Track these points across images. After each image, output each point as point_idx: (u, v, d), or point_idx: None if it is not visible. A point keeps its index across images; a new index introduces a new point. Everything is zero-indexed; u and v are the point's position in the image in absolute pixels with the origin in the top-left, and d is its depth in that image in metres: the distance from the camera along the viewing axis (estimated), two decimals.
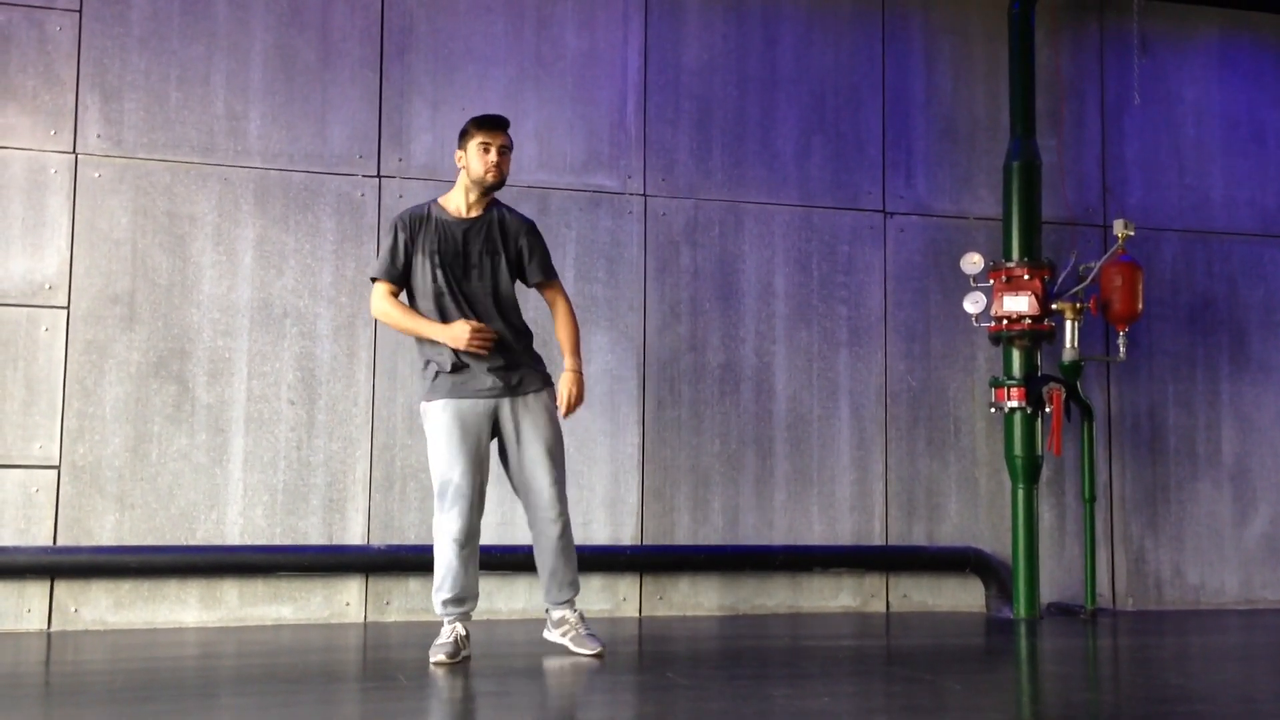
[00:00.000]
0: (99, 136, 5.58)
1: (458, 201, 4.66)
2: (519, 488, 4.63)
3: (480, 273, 4.58)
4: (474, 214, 4.65)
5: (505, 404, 4.55)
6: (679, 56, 6.28)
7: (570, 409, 4.66)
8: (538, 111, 6.07)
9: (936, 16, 6.63)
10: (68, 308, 5.48)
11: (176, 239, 5.62)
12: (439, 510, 4.52)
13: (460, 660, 4.44)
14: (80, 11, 5.60)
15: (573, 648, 4.60)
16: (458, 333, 4.47)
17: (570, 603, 4.66)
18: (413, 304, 4.61)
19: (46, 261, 5.48)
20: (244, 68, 5.76)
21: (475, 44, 6.04)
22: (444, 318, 4.54)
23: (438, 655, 4.41)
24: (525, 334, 4.68)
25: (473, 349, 4.47)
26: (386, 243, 4.64)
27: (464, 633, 4.52)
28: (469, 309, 4.54)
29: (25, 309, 5.43)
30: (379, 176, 5.85)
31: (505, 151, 4.64)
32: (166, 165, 5.64)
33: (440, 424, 4.51)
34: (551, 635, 4.70)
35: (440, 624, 4.58)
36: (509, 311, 4.63)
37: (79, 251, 5.51)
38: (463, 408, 4.51)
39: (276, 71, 5.80)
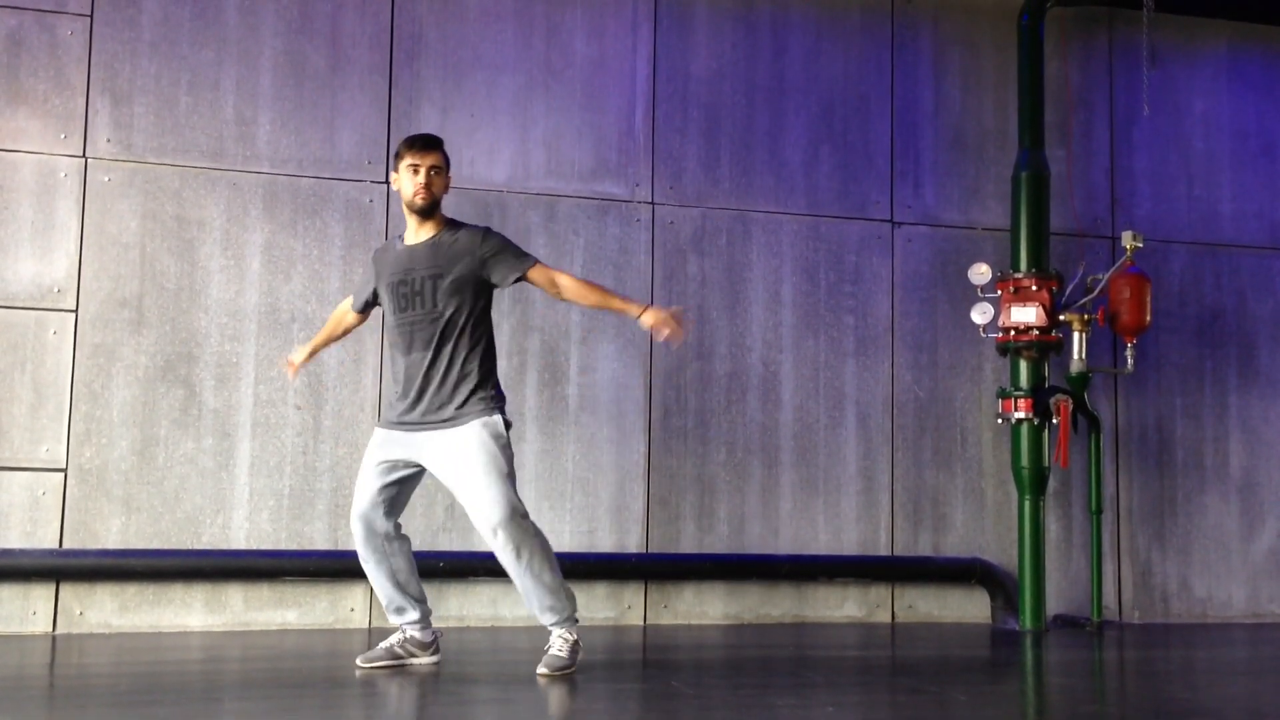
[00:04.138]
0: (109, 141, 5.59)
1: (410, 227, 4.50)
2: None
3: (423, 300, 4.36)
4: (422, 238, 4.44)
5: (426, 438, 4.36)
6: (688, 65, 6.28)
7: (677, 328, 4.39)
8: (546, 119, 6.08)
9: (946, 27, 6.63)
10: (76, 311, 5.49)
11: (185, 243, 5.63)
12: None
13: (388, 665, 4.44)
14: (91, 16, 5.62)
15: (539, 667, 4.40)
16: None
17: (556, 624, 4.44)
18: None
19: (55, 265, 5.49)
20: (254, 73, 5.78)
21: (484, 51, 6.05)
22: (395, 351, 4.44)
23: (360, 659, 4.48)
24: (465, 372, 4.38)
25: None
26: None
27: (405, 639, 4.51)
28: (411, 340, 4.38)
29: (34, 312, 5.45)
30: (388, 183, 5.86)
31: (438, 171, 4.40)
32: (176, 170, 5.66)
33: (372, 445, 4.50)
34: None
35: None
36: (455, 341, 4.36)
37: (88, 255, 5.52)
38: (387, 435, 4.42)
39: (286, 77, 5.81)
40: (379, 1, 5.94)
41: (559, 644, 4.41)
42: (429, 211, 4.44)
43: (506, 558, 4.34)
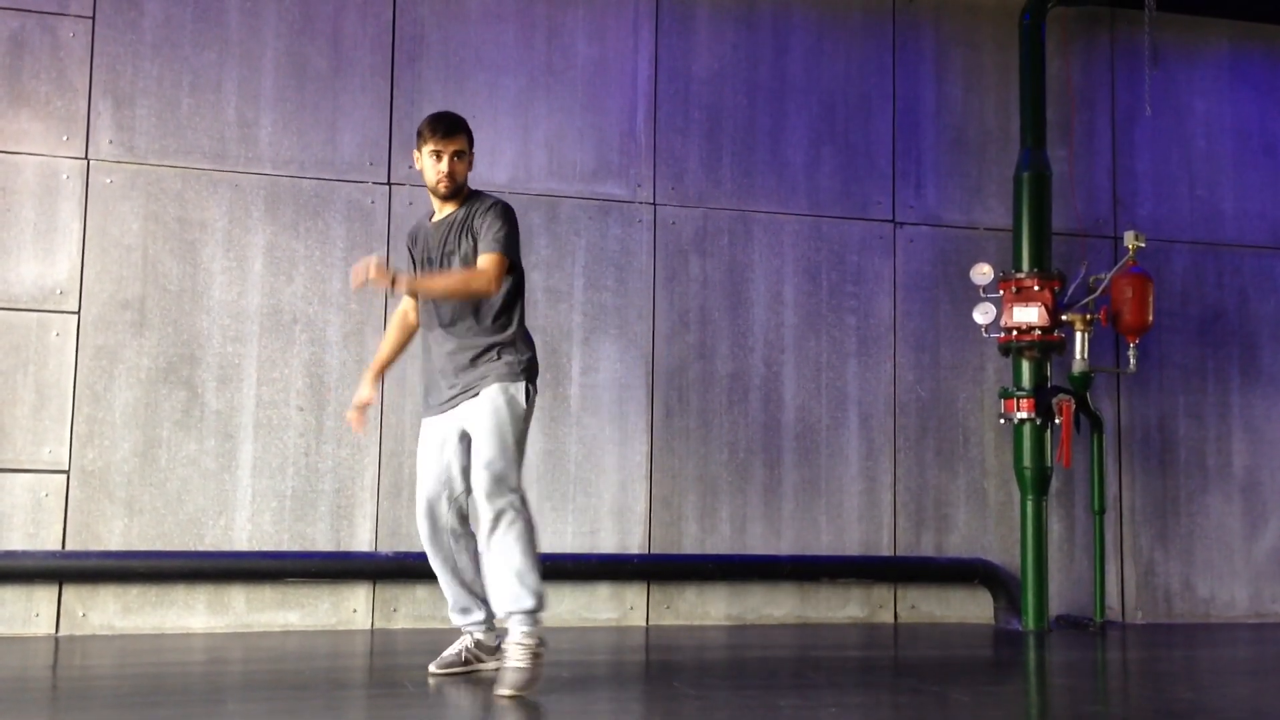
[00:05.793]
0: (111, 142, 5.60)
1: (436, 204, 4.49)
2: None
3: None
4: (445, 214, 4.45)
5: (461, 409, 4.33)
6: (689, 65, 6.28)
7: (367, 273, 4.09)
8: (548, 120, 6.08)
9: (947, 26, 6.63)
10: (78, 313, 5.49)
11: (187, 245, 5.63)
12: None
13: (458, 672, 4.35)
14: (93, 18, 5.62)
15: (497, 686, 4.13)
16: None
17: (513, 615, 4.13)
18: None
19: (58, 267, 5.50)
20: (256, 75, 5.78)
21: (486, 52, 6.05)
22: (425, 329, 4.45)
23: (432, 664, 4.39)
24: (490, 342, 4.31)
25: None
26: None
27: (471, 644, 4.42)
28: (437, 313, 4.37)
29: (36, 314, 5.45)
30: (389, 184, 5.86)
31: (460, 156, 4.35)
32: (178, 171, 5.66)
33: (420, 440, 4.49)
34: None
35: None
36: (476, 313, 4.31)
37: (90, 257, 5.52)
38: (429, 424, 4.42)
39: (288, 79, 5.82)
40: (381, 3, 5.94)
41: (517, 651, 4.08)
42: (453, 197, 4.41)
43: (483, 528, 4.16)
